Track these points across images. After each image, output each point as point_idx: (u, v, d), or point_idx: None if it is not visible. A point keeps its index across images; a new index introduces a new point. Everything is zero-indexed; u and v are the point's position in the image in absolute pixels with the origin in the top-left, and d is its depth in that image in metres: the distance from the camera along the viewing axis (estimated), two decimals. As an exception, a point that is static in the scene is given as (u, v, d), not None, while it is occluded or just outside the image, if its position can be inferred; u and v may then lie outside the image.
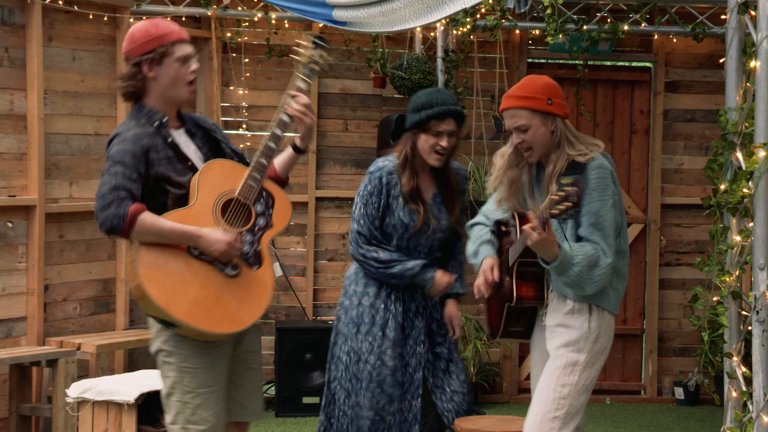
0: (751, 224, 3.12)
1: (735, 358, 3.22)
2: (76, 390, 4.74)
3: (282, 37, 7.32)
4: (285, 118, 3.69)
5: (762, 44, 3.08)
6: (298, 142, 3.78)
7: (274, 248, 7.36)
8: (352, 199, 7.52)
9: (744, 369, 3.21)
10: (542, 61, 7.69)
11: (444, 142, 4.20)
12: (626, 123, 7.64)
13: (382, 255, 4.21)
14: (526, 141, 3.57)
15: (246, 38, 7.33)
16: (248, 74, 7.35)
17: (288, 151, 3.82)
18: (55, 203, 6.21)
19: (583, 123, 7.58)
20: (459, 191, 4.36)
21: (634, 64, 7.82)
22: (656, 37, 7.49)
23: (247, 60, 7.33)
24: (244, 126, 7.37)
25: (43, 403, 5.92)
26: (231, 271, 3.59)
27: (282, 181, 3.82)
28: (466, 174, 4.50)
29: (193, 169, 3.63)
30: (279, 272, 7.32)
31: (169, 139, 3.62)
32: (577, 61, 7.33)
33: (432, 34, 7.36)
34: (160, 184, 3.58)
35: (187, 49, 3.64)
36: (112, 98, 6.55)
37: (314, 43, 3.76)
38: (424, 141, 4.23)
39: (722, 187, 3.26)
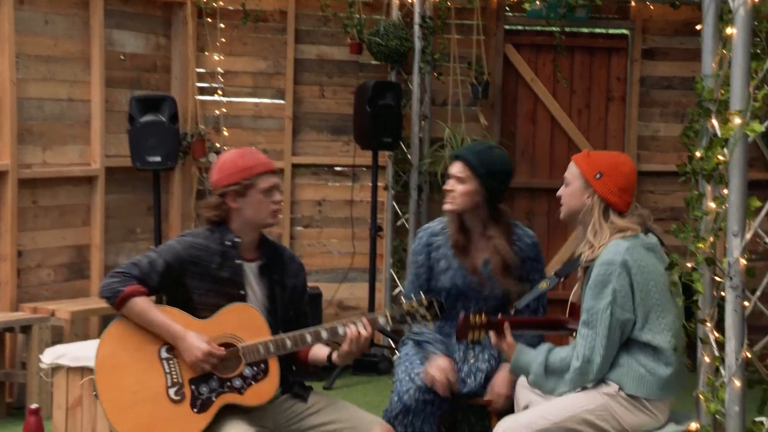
0: (725, 191, 3.13)
1: (708, 324, 3.24)
2: (51, 356, 4.71)
3: (258, 3, 7.26)
4: (341, 331, 3.60)
5: (738, 11, 3.07)
6: (335, 356, 3.69)
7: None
8: (328, 166, 7.55)
9: (717, 335, 3.23)
10: (519, 27, 7.66)
11: (448, 186, 4.00)
12: (603, 90, 7.65)
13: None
14: (563, 195, 3.60)
15: (221, 3, 7.26)
16: (224, 40, 7.28)
17: (323, 353, 3.73)
18: (29, 169, 6.16)
19: (560, 90, 7.57)
20: (512, 257, 4.01)
21: (611, 31, 7.81)
22: (633, 4, 7.48)
23: (222, 25, 7.26)
24: (219, 92, 7.32)
25: (17, 369, 5.90)
26: (175, 395, 3.55)
27: (305, 366, 3.79)
28: (533, 242, 4.11)
29: (242, 299, 3.66)
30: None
31: (237, 261, 3.68)
32: (554, 28, 7.30)
33: (409, 0, 7.31)
34: (184, 292, 3.64)
35: (271, 180, 3.70)
36: (85, 63, 6.48)
37: (430, 303, 3.65)
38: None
39: (698, 154, 3.26)
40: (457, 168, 4.01)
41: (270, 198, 3.69)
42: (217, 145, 7.25)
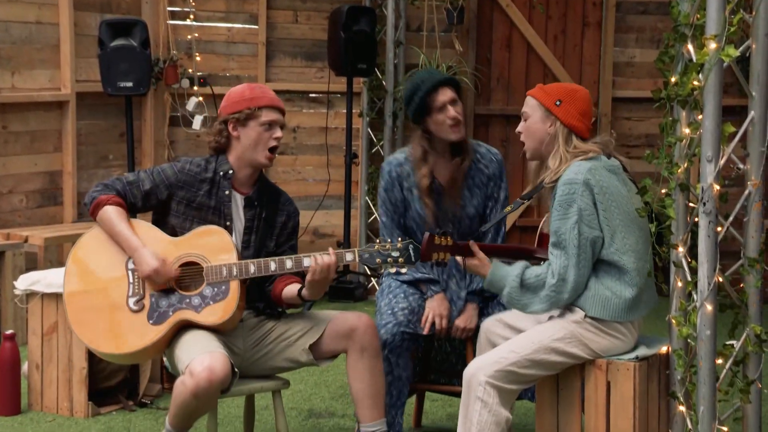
0: (700, 117, 3.13)
1: (681, 249, 3.26)
2: (25, 282, 4.70)
3: (230, -76, 7.13)
4: (306, 262, 3.60)
5: (717, -66, 3.04)
6: (304, 291, 3.68)
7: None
8: (302, 92, 7.49)
9: (689, 260, 3.26)
10: (495, -49, 7.58)
11: (451, 112, 3.97)
12: (579, 16, 7.59)
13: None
14: (523, 131, 3.60)
15: (193, -76, 7.13)
16: (195, -38, 7.17)
17: (295, 289, 3.73)
18: (-2, 94, 6.08)
19: (536, 16, 7.51)
20: (468, 175, 4.08)
21: (587, -45, 7.74)
22: (611, -73, 7.41)
23: (194, -53, 7.14)
24: (191, 16, 7.21)
25: (-9, 296, 5.89)
26: (134, 305, 3.64)
27: (280, 304, 3.80)
28: (497, 159, 4.16)
29: (228, 230, 3.71)
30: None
31: (227, 192, 3.74)
32: (530, -48, 7.22)
33: None
34: (171, 215, 3.74)
35: (274, 115, 3.77)
36: (54, -15, 6.36)
37: (405, 248, 3.59)
38: (434, 122, 4.00)
39: (673, 79, 3.25)
40: (449, 93, 4.00)
41: (270, 132, 3.75)
42: (190, 71, 7.17)
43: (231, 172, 3.76)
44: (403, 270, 3.62)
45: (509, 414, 3.49)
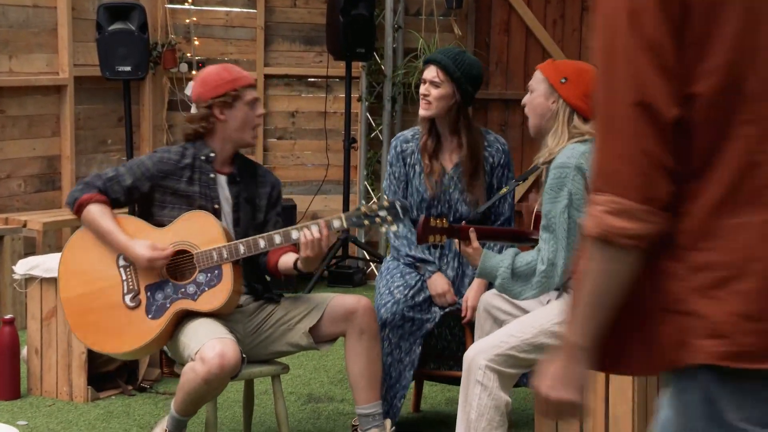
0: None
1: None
2: (24, 267, 4.69)
3: None
4: (294, 235, 3.58)
5: None
6: (299, 263, 3.67)
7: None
8: (301, 77, 7.47)
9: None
10: (495, -65, 7.55)
11: (423, 90, 4.02)
12: (578, 0, 7.56)
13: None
14: (527, 103, 3.59)
15: None
16: (193, -54, 7.14)
17: (290, 260, 3.71)
18: (-5, 78, 6.06)
19: (534, 1, 7.49)
20: (481, 163, 4.06)
21: (587, -61, 7.71)
22: None
23: (192, -69, 7.11)
24: (189, 0, 7.19)
25: (-10, 281, 5.88)
26: (130, 301, 3.63)
27: (276, 274, 3.80)
28: (504, 148, 4.15)
29: (216, 213, 3.68)
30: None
31: (211, 175, 3.70)
32: (530, -64, 7.19)
33: None
34: (156, 207, 3.69)
35: (254, 93, 3.76)
36: (51, -31, 6.33)
37: (391, 206, 3.60)
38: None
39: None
40: (431, 72, 4.03)
41: (254, 111, 3.73)
42: (188, 55, 7.15)
43: (213, 155, 3.72)
44: (394, 228, 3.60)
45: (509, 398, 3.50)
